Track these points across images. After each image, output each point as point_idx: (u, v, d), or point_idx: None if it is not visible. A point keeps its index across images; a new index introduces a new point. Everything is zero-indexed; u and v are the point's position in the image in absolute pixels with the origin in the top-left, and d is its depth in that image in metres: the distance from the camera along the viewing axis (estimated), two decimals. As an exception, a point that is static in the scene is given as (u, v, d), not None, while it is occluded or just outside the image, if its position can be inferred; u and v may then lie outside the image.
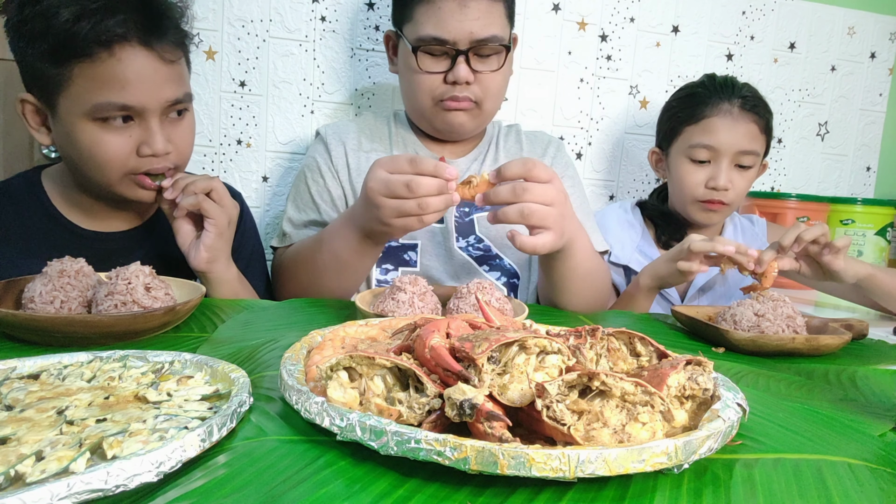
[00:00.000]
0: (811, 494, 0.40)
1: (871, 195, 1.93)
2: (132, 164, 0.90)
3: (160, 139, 0.90)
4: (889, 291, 1.12)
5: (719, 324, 0.85)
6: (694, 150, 1.26)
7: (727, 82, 1.27)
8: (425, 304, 0.79)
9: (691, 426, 0.44)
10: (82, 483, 0.33)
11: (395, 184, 0.80)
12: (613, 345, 0.53)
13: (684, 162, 1.28)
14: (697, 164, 1.26)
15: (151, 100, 0.88)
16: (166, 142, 0.91)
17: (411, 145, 1.24)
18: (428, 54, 1.11)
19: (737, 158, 1.25)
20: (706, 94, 1.27)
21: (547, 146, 1.30)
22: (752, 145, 1.24)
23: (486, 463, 0.36)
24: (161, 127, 0.90)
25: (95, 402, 0.45)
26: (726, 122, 1.23)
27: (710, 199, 1.26)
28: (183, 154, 0.96)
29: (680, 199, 1.32)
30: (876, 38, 1.84)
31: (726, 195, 1.25)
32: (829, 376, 0.71)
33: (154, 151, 0.90)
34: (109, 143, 0.88)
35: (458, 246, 1.19)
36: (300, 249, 1.09)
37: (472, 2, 1.07)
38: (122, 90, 0.85)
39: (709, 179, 1.25)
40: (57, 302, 0.71)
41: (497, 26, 1.10)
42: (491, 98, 1.15)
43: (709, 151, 1.25)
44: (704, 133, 1.25)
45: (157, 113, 0.90)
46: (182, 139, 0.95)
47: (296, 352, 0.54)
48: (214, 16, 1.39)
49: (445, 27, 1.07)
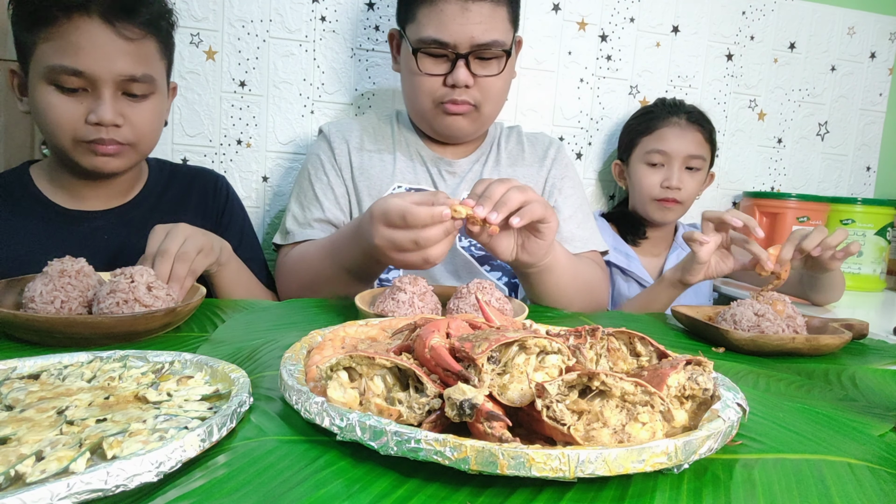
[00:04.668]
0: (811, 495, 0.40)
1: (871, 195, 1.93)
2: (81, 131, 0.93)
3: (108, 109, 0.92)
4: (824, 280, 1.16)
5: (719, 324, 0.85)
6: (650, 156, 1.47)
7: (675, 103, 1.52)
8: (425, 304, 0.79)
9: (691, 426, 0.44)
10: (82, 483, 0.33)
11: (401, 241, 0.78)
12: (613, 345, 0.53)
13: (642, 167, 1.49)
14: (653, 168, 1.48)
15: (103, 70, 0.91)
16: (115, 114, 0.93)
17: (413, 146, 1.24)
18: (428, 56, 1.11)
19: (686, 161, 1.46)
20: (658, 112, 1.50)
21: (548, 147, 1.30)
22: (698, 150, 1.46)
23: (485, 463, 0.36)
24: (113, 100, 0.93)
25: (95, 403, 0.45)
26: (675, 131, 1.46)
27: (665, 198, 1.46)
28: (141, 134, 0.98)
29: (640, 200, 1.51)
30: (876, 38, 1.84)
31: (679, 194, 1.45)
32: (829, 376, 0.71)
33: (99, 119, 0.92)
34: (59, 107, 0.92)
35: (461, 245, 1.19)
36: (306, 252, 1.08)
37: (475, 5, 1.06)
38: (75, 55, 0.90)
39: (664, 180, 1.46)
40: (57, 302, 0.71)
41: (499, 31, 1.09)
42: (491, 102, 1.15)
43: (662, 156, 1.46)
44: (658, 140, 1.47)
45: (111, 85, 0.93)
46: (139, 119, 0.97)
47: (296, 352, 0.54)
48: (214, 16, 1.39)
49: (447, 30, 1.07)
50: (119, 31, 0.92)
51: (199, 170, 1.24)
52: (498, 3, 1.09)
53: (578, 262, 1.05)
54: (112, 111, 0.93)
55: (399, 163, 1.22)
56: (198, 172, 1.22)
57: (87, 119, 0.93)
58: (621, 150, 1.58)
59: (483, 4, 1.07)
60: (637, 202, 1.53)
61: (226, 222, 1.18)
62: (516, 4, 1.15)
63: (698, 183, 1.48)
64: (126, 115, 0.95)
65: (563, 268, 0.97)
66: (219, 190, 1.21)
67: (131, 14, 0.93)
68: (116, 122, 0.94)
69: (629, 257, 1.48)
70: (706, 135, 1.48)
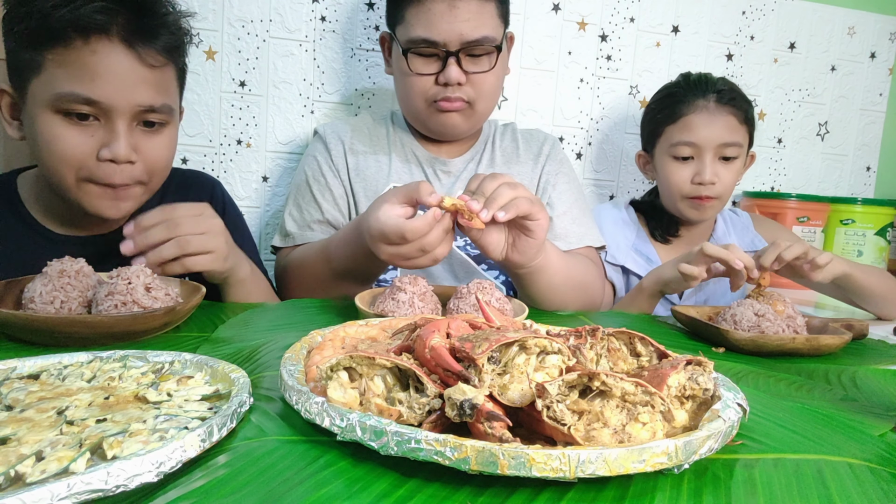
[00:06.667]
0: (811, 494, 0.40)
1: (871, 195, 1.93)
2: (90, 167, 0.83)
3: (123, 144, 0.82)
4: (864, 290, 1.13)
5: (719, 324, 0.85)
6: (676, 149, 1.28)
7: (701, 79, 1.30)
8: (425, 304, 0.79)
9: (691, 426, 0.44)
10: (82, 483, 0.33)
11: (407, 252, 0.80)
12: (613, 345, 0.53)
13: (669, 161, 1.30)
14: (681, 162, 1.28)
15: (120, 99, 0.82)
16: (130, 150, 0.83)
17: (409, 146, 1.24)
18: (419, 56, 1.10)
19: (719, 151, 1.26)
20: (682, 93, 1.29)
21: (542, 144, 1.30)
22: (732, 137, 1.26)
23: (486, 463, 0.36)
24: (128, 133, 0.84)
25: (95, 403, 0.45)
26: (703, 117, 1.26)
27: (698, 195, 1.28)
28: (153, 170, 0.89)
29: (669, 197, 1.33)
30: (876, 38, 1.84)
31: (713, 189, 1.27)
32: (830, 376, 0.71)
33: (114, 156, 0.82)
34: (66, 139, 0.81)
35: (456, 245, 1.19)
36: (306, 256, 1.08)
37: (462, 3, 1.06)
38: (91, 82, 0.80)
39: (694, 175, 1.27)
40: (57, 302, 0.71)
41: (488, 27, 1.09)
42: (484, 98, 1.14)
43: (691, 148, 1.27)
44: (685, 130, 1.27)
45: (127, 117, 0.83)
46: (154, 153, 0.88)
47: (296, 352, 0.54)
48: (214, 16, 1.39)
49: (435, 29, 1.07)
50: (141, 58, 0.83)
51: (194, 176, 1.15)
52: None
53: (572, 262, 1.04)
54: (126, 146, 0.83)
55: (394, 163, 1.22)
56: (194, 180, 1.14)
57: (99, 155, 0.82)
58: (644, 139, 1.41)
59: (470, 1, 1.06)
60: (667, 200, 1.35)
61: None
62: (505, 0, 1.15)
63: (736, 172, 1.29)
64: (140, 149, 0.86)
65: (555, 268, 0.96)
66: (215, 199, 1.12)
67: (154, 38, 0.84)
68: (131, 159, 0.84)
69: (650, 261, 1.31)
70: (741, 115, 1.27)
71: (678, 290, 1.07)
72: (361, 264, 0.93)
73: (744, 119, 1.28)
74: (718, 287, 1.33)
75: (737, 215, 1.48)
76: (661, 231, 1.37)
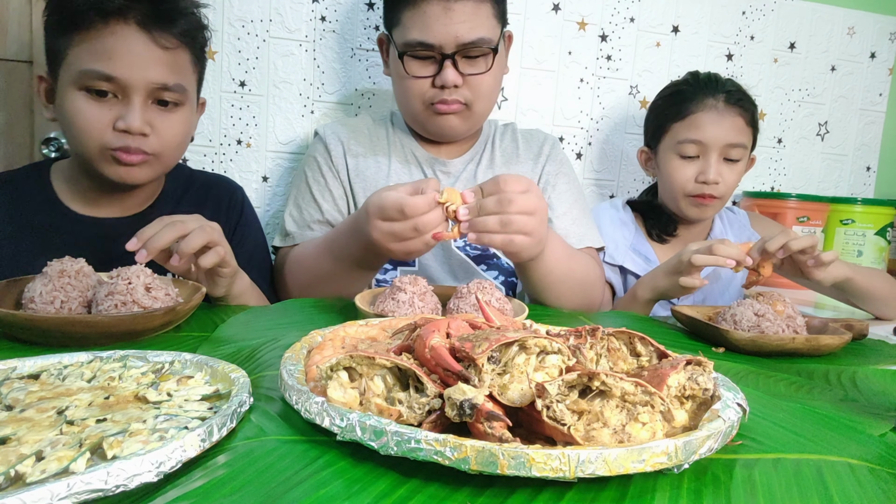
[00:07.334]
0: (811, 495, 0.40)
1: (871, 195, 1.93)
2: (107, 137, 0.92)
3: (137, 116, 0.91)
4: (865, 294, 1.13)
5: (719, 324, 0.85)
6: (682, 146, 1.27)
7: (710, 78, 1.29)
8: (425, 304, 0.79)
9: (691, 426, 0.44)
10: (82, 483, 0.33)
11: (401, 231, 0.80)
12: (613, 345, 0.53)
13: (673, 158, 1.29)
14: (686, 160, 1.28)
15: (136, 76, 0.91)
16: (144, 123, 0.92)
17: (408, 147, 1.24)
18: (415, 59, 1.10)
19: (725, 152, 1.26)
20: (691, 91, 1.28)
21: (542, 144, 1.30)
22: (738, 138, 1.26)
23: (486, 463, 0.36)
24: (143, 108, 0.92)
25: (95, 402, 0.45)
26: (712, 116, 1.25)
27: (701, 194, 1.27)
28: (167, 145, 0.97)
29: (671, 195, 1.32)
30: (876, 38, 1.84)
31: (717, 189, 1.26)
32: (829, 376, 0.71)
33: (128, 126, 0.91)
34: (87, 112, 0.91)
35: (456, 245, 1.19)
36: (304, 254, 1.08)
37: (457, 4, 1.05)
38: (109, 60, 0.89)
39: (698, 174, 1.27)
40: (57, 302, 0.71)
41: (484, 28, 1.08)
42: (482, 99, 1.14)
43: (697, 146, 1.26)
44: (691, 128, 1.26)
45: (142, 93, 0.92)
46: (167, 130, 0.96)
47: (296, 352, 0.54)
48: (214, 16, 1.39)
49: (431, 31, 1.06)
50: (155, 39, 0.92)
51: (216, 180, 1.21)
52: (481, 0, 1.08)
53: (575, 257, 1.05)
54: (140, 119, 0.92)
55: (394, 164, 1.22)
56: (215, 183, 1.19)
57: (115, 125, 0.91)
58: (648, 135, 1.39)
59: (465, 3, 1.06)
60: (667, 197, 1.35)
61: (238, 238, 1.13)
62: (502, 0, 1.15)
63: (738, 174, 1.29)
64: (154, 125, 0.94)
65: (557, 258, 0.97)
66: (234, 204, 1.17)
67: (169, 23, 0.93)
68: (144, 131, 0.92)
69: (649, 261, 1.31)
70: (748, 117, 1.27)
71: (675, 297, 1.07)
72: (360, 257, 0.93)
73: (750, 121, 1.28)
74: (716, 286, 1.33)
75: (734, 213, 1.48)
76: (658, 230, 1.37)
